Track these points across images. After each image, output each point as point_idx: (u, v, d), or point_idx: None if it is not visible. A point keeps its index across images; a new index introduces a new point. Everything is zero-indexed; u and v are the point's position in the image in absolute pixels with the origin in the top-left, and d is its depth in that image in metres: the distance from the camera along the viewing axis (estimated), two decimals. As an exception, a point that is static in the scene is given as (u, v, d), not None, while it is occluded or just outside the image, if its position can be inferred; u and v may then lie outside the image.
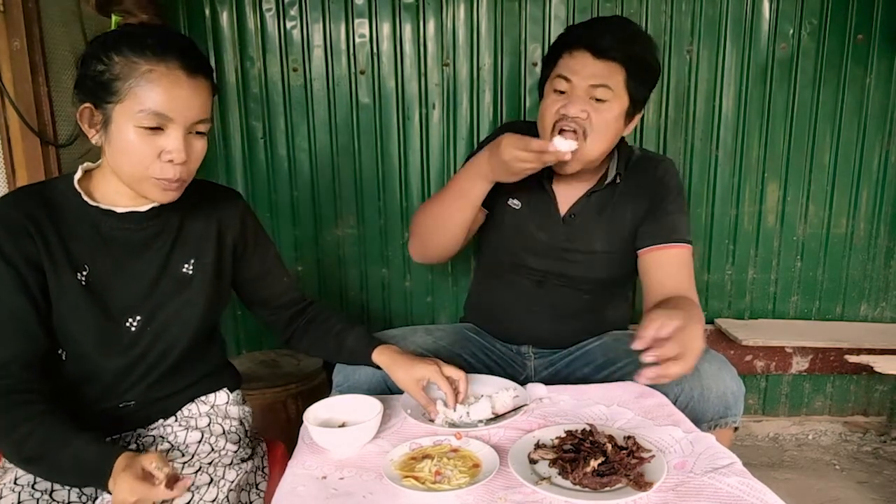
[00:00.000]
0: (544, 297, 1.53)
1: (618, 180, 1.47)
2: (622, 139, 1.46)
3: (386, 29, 2.05)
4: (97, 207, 1.02)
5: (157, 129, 0.94)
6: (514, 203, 1.53)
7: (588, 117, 1.33)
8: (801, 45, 2.07)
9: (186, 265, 1.10)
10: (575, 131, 1.33)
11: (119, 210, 1.03)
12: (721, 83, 2.10)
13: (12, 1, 1.37)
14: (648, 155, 1.54)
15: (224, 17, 2.05)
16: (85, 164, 1.05)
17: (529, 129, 1.55)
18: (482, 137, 2.10)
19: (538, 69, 2.07)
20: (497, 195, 1.54)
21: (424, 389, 1.17)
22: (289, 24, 2.05)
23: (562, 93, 1.35)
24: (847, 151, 2.15)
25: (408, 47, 2.06)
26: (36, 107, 1.44)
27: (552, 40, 2.09)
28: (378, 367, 1.23)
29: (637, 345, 1.01)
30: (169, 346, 1.08)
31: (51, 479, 0.97)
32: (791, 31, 2.06)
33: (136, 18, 1.60)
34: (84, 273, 1.02)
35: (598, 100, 1.33)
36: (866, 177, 2.17)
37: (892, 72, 2.08)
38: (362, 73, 2.08)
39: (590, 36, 1.34)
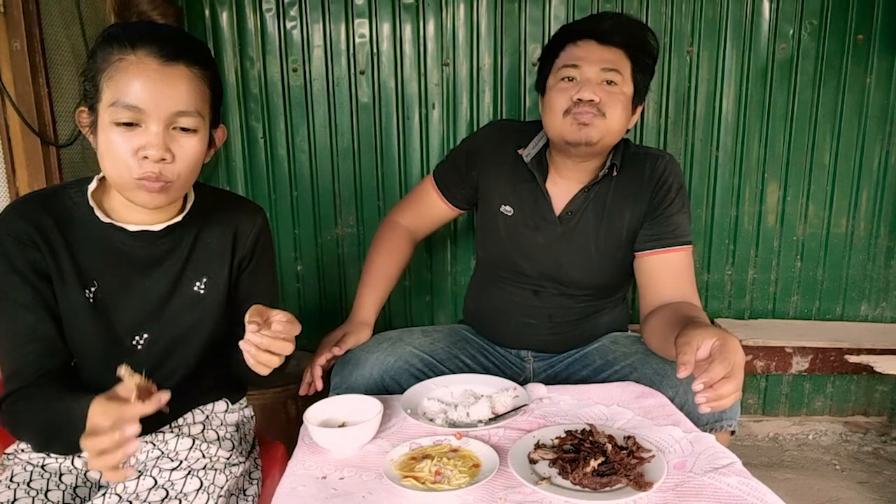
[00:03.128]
0: (541, 308, 1.50)
1: (614, 172, 1.42)
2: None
3: (386, 29, 2.05)
4: (109, 224, 0.99)
5: (134, 125, 0.88)
6: (507, 209, 1.49)
7: (602, 101, 1.30)
8: (801, 45, 2.07)
9: (198, 284, 1.06)
10: (587, 124, 1.30)
11: (131, 228, 1.00)
12: (721, 84, 2.10)
13: (12, 2, 1.37)
14: (647, 150, 1.48)
15: (224, 18, 2.05)
16: (101, 174, 1.01)
17: (522, 128, 1.54)
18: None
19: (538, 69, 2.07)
20: (489, 202, 1.52)
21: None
22: (289, 25, 2.05)
23: (570, 80, 1.33)
24: (847, 151, 2.15)
25: (408, 47, 2.07)
26: (36, 107, 1.44)
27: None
28: None
29: (681, 373, 0.98)
30: (175, 366, 1.06)
31: (77, 452, 0.93)
32: (791, 32, 2.06)
33: None
34: (92, 289, 0.99)
35: (608, 82, 1.31)
36: (866, 177, 2.17)
37: (892, 72, 2.08)
38: (362, 73, 2.08)
39: (591, 25, 1.34)
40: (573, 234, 1.46)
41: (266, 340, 0.86)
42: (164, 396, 0.79)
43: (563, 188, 1.46)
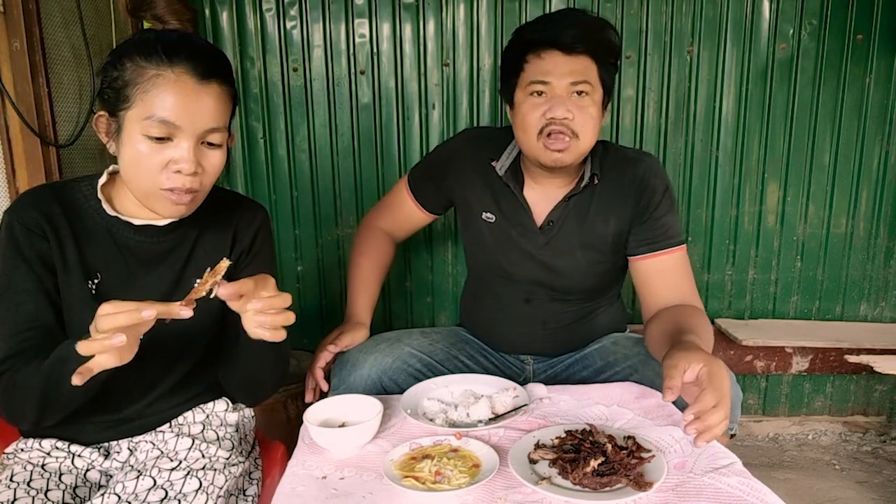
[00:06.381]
0: (533, 314, 1.49)
1: (595, 181, 1.40)
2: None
3: (386, 29, 2.05)
4: (115, 217, 1.01)
5: (165, 139, 0.91)
6: (489, 217, 1.47)
7: (574, 117, 1.28)
8: (801, 45, 2.07)
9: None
10: (563, 132, 1.28)
11: (136, 222, 1.02)
12: (721, 84, 2.10)
13: (12, 1, 1.37)
14: (627, 154, 1.45)
15: (224, 17, 2.05)
16: (111, 167, 1.03)
17: (495, 136, 1.51)
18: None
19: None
20: (470, 210, 1.50)
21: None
22: (289, 24, 2.05)
23: (539, 94, 1.30)
24: (847, 151, 2.15)
25: (408, 47, 2.07)
26: (36, 107, 1.44)
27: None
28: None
29: (667, 397, 0.98)
30: (175, 364, 1.06)
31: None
32: (791, 32, 2.06)
33: (167, 25, 1.58)
34: (96, 281, 1.00)
35: (579, 93, 1.29)
36: (866, 177, 2.17)
37: (891, 72, 2.09)
38: (362, 73, 2.08)
39: (553, 33, 1.28)
40: (556, 242, 1.44)
41: (264, 303, 0.87)
42: (185, 312, 0.82)
43: (541, 195, 1.44)
